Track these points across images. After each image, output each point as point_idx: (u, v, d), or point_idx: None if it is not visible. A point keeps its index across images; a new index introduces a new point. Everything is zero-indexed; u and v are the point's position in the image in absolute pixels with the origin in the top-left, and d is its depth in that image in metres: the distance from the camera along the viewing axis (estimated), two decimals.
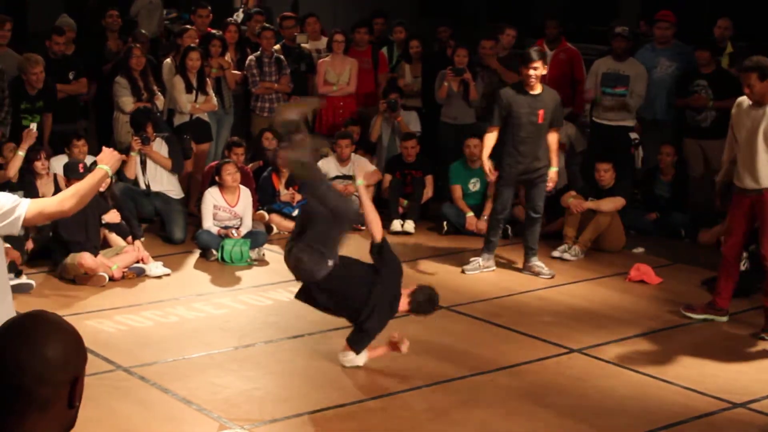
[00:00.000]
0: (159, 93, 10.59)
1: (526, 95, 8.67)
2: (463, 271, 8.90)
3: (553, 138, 8.87)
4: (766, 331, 7.44)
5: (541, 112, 8.67)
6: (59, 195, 4.18)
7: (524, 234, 9.04)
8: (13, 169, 8.99)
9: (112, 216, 8.80)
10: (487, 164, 8.89)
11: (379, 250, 6.56)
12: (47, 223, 4.03)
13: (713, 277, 8.63)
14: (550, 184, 8.96)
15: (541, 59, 8.67)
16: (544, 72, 8.76)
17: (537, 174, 8.80)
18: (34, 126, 9.13)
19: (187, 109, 10.50)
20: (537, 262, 8.94)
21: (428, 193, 10.61)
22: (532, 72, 8.58)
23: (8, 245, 6.80)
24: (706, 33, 11.10)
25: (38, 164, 9.13)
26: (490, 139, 8.83)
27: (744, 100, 7.48)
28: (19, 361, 2.12)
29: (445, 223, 10.22)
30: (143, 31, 11.86)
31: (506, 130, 8.73)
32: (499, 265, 9.09)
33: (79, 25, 12.17)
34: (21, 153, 9.00)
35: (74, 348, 2.19)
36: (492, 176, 8.97)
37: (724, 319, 7.76)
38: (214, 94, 10.70)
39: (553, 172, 8.90)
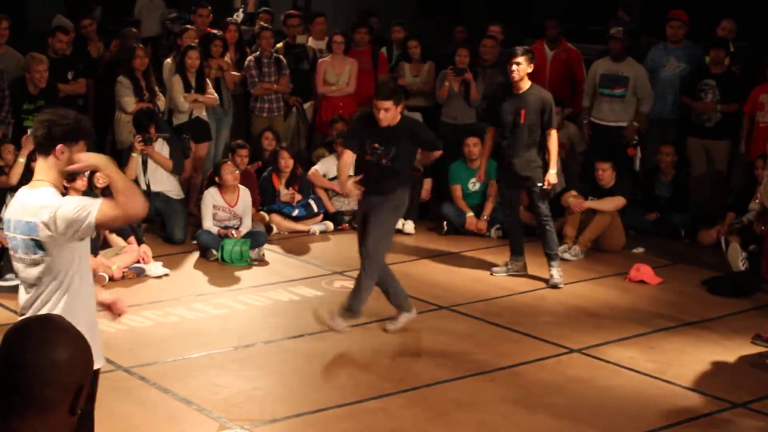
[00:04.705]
0: (160, 93, 10.58)
1: (511, 95, 8.45)
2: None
3: (550, 139, 8.46)
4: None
5: (522, 112, 8.39)
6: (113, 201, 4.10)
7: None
8: (15, 177, 8.90)
9: None
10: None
11: None
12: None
13: (713, 278, 8.64)
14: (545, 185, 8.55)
15: (524, 55, 8.34)
16: (529, 70, 8.39)
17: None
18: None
19: (185, 108, 10.48)
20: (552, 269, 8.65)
21: (424, 195, 10.58)
22: (514, 68, 8.36)
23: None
24: (708, 34, 11.09)
25: (35, 166, 9.04)
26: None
27: None
28: (23, 360, 2.13)
29: (445, 223, 10.20)
30: (134, 30, 11.82)
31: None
32: (498, 265, 9.08)
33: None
34: (21, 160, 8.84)
35: (81, 355, 2.20)
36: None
37: None
38: (214, 92, 10.68)
39: (549, 174, 8.47)
